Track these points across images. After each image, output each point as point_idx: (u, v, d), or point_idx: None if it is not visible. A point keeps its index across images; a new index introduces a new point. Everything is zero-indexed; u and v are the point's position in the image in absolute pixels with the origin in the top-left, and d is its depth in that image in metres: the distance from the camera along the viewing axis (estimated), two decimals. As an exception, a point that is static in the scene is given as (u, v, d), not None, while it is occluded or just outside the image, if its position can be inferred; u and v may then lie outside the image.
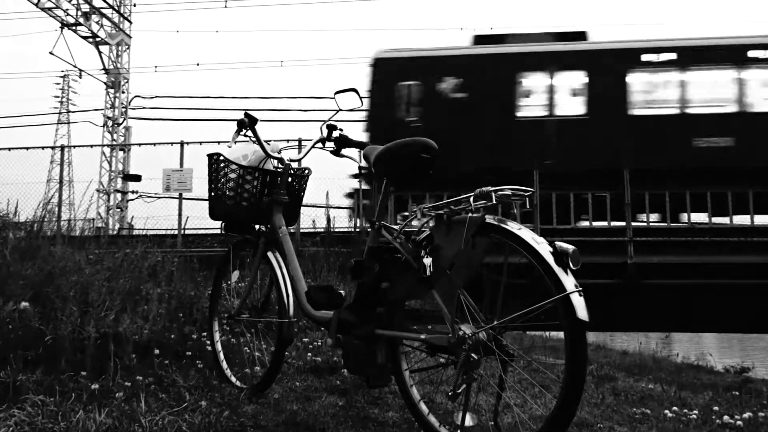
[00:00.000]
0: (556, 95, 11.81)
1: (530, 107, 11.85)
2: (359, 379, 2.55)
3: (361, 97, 2.50)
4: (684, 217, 10.44)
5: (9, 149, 11.02)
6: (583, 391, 1.62)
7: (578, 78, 11.75)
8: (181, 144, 9.74)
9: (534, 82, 11.97)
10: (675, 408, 2.89)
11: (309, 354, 3.29)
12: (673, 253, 9.34)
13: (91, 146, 11.26)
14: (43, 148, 10.57)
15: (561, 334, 1.61)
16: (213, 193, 2.56)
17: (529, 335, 6.72)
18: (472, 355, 1.70)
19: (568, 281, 1.56)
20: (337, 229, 10.16)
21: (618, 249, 9.41)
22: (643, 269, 9.32)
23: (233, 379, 2.65)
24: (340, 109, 2.54)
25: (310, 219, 10.23)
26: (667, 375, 5.19)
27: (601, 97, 11.49)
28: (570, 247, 1.59)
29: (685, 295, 9.33)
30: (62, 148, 9.90)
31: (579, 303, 1.54)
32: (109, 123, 17.31)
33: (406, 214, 9.98)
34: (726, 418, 2.78)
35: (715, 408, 3.07)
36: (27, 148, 10.93)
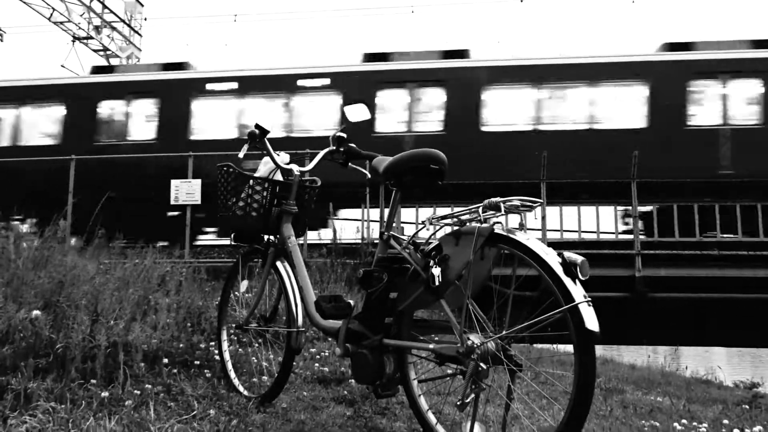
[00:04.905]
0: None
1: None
2: (367, 389, 2.55)
3: (369, 110, 2.53)
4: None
5: (21, 160, 11.20)
6: (592, 403, 1.62)
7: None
8: (190, 156, 9.81)
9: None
10: (684, 421, 2.87)
11: (316, 364, 3.29)
12: (682, 267, 9.27)
13: (100, 157, 11.33)
14: (52, 159, 10.70)
15: (569, 348, 1.61)
16: (222, 204, 2.58)
17: (537, 348, 6.69)
18: (481, 364, 1.70)
19: (577, 292, 1.56)
20: (343, 241, 10.17)
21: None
22: (652, 282, 9.27)
23: (241, 388, 2.65)
24: (349, 121, 2.57)
25: (315, 231, 10.25)
26: (675, 389, 5.13)
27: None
28: (579, 258, 1.60)
29: (696, 309, 9.26)
30: (72, 159, 9.99)
31: (588, 313, 1.54)
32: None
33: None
34: (736, 431, 2.76)
35: (725, 422, 3.05)
36: (36, 159, 11.07)
